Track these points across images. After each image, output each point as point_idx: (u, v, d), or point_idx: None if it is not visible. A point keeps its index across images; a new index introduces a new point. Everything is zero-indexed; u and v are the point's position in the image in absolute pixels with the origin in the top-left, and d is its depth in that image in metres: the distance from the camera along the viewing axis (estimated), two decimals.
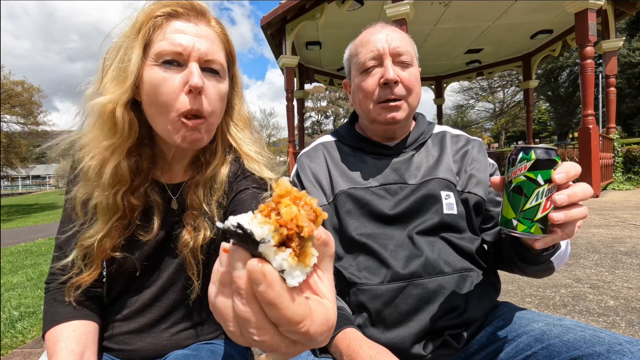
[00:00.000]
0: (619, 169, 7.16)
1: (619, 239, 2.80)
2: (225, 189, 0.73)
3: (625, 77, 23.06)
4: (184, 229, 0.70)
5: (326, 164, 0.88)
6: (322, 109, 44.95)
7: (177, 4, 0.63)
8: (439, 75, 11.10)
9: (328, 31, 7.44)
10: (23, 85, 21.21)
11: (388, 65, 0.78)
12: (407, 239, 0.75)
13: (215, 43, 0.66)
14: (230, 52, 0.71)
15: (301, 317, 0.25)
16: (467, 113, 37.37)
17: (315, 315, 0.26)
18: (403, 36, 0.82)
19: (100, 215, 0.66)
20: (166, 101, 0.61)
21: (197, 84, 0.60)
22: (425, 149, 0.86)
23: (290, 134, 7.69)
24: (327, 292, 0.30)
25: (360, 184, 0.82)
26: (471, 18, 7.03)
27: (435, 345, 0.70)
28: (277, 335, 0.26)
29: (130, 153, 0.66)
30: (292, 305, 0.24)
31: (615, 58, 6.46)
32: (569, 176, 0.50)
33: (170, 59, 0.61)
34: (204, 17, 0.66)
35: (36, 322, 2.07)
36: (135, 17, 0.62)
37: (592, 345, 0.53)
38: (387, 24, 0.85)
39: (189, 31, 0.63)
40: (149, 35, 0.61)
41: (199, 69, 0.62)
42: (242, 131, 0.76)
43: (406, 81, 0.79)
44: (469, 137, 0.90)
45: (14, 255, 4.72)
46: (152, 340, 0.72)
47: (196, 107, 0.62)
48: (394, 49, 0.79)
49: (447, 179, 0.80)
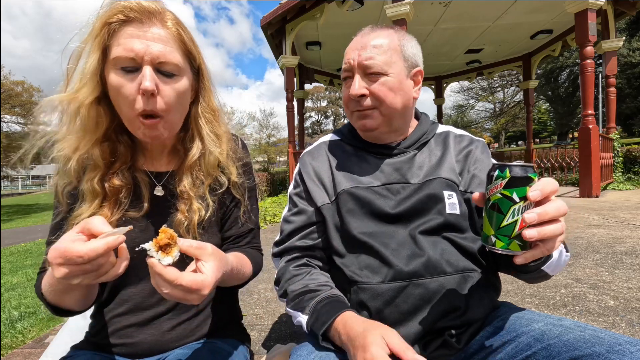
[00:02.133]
0: (619, 169, 7.16)
1: (619, 239, 2.80)
2: (218, 175, 0.80)
3: (625, 77, 23.05)
4: (178, 212, 0.75)
5: (329, 162, 0.88)
6: (322, 109, 44.94)
7: (129, 8, 0.65)
8: (439, 75, 11.09)
9: (328, 31, 7.43)
10: (23, 85, 21.18)
11: (355, 80, 0.80)
12: (409, 238, 0.76)
13: (169, 43, 0.68)
14: (189, 50, 0.73)
15: (174, 277, 0.51)
16: (467, 113, 37.37)
17: (185, 276, 0.52)
18: (379, 44, 0.79)
19: (85, 197, 0.72)
20: (125, 103, 0.66)
21: (146, 88, 0.64)
22: (428, 148, 0.86)
23: (290, 134, 7.68)
24: (206, 270, 0.55)
25: (362, 183, 0.82)
26: (471, 18, 7.02)
27: (435, 346, 0.70)
28: (172, 290, 0.52)
29: (103, 141, 0.72)
30: (166, 272, 0.51)
31: (615, 58, 6.45)
32: (544, 193, 0.51)
33: (125, 64, 0.65)
34: (158, 18, 0.68)
35: (36, 322, 2.07)
36: (92, 24, 0.66)
37: (592, 345, 0.53)
38: (375, 29, 0.83)
39: (142, 35, 0.65)
40: (105, 42, 0.65)
41: (152, 71, 0.65)
42: (210, 122, 0.80)
43: (375, 93, 0.78)
44: (473, 137, 0.90)
45: (14, 255, 4.72)
46: (154, 332, 0.73)
47: (149, 107, 0.67)
48: (362, 62, 0.78)
49: (450, 179, 0.80)
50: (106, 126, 0.72)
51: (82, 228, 0.52)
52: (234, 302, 0.93)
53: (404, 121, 0.85)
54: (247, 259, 0.81)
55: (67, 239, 0.50)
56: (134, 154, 0.78)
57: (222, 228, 0.84)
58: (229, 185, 0.82)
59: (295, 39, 7.23)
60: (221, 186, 0.81)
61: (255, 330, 1.60)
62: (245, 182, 0.86)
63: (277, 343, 1.44)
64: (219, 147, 0.81)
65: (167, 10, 0.71)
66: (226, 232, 0.85)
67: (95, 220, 0.52)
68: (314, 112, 44.96)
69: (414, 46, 0.84)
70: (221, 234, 0.84)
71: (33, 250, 5.07)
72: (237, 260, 0.74)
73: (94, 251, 0.48)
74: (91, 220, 0.52)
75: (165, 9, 0.70)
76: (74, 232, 0.52)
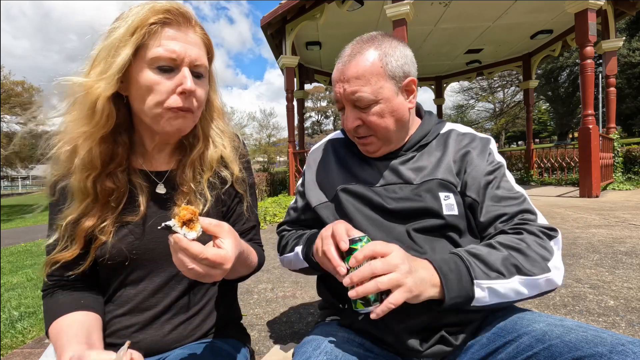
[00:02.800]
0: (619, 169, 7.16)
1: (619, 239, 2.80)
2: (217, 170, 0.82)
3: (625, 77, 23.05)
4: (175, 205, 0.76)
5: (331, 161, 0.92)
6: (322, 109, 44.95)
7: (167, 10, 0.68)
8: (439, 75, 11.09)
9: (328, 31, 7.43)
10: (23, 85, 21.20)
11: (347, 113, 0.80)
12: (406, 234, 0.77)
13: (201, 48, 0.73)
14: (211, 54, 0.78)
15: (199, 251, 0.53)
16: (467, 113, 37.37)
17: (209, 250, 0.54)
18: (361, 73, 0.75)
19: (75, 197, 0.71)
20: (156, 99, 0.68)
21: (190, 88, 0.68)
22: (429, 149, 0.85)
23: (290, 134, 7.68)
24: (226, 246, 0.57)
25: (362, 182, 0.84)
26: (471, 18, 7.02)
27: (432, 342, 0.71)
28: (197, 265, 0.53)
29: (104, 140, 0.71)
30: (191, 246, 0.53)
31: (615, 58, 6.46)
32: (358, 260, 0.59)
33: (164, 64, 0.67)
34: (190, 23, 0.72)
35: (36, 322, 2.07)
36: (130, 21, 0.66)
37: (595, 345, 0.53)
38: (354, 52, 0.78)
39: (180, 38, 0.69)
40: (143, 40, 0.66)
41: (190, 73, 0.69)
42: (215, 120, 0.84)
43: (367, 122, 0.79)
44: (476, 135, 0.87)
45: (14, 256, 4.72)
46: (154, 333, 0.74)
47: (187, 105, 0.70)
48: (349, 95, 0.77)
49: (447, 180, 0.79)
50: (114, 124, 0.71)
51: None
52: (233, 301, 0.93)
53: (403, 133, 0.84)
54: (252, 248, 0.81)
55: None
56: (130, 155, 0.78)
57: None
58: (233, 181, 0.84)
59: (295, 39, 7.23)
60: (224, 182, 0.82)
61: (255, 330, 1.60)
62: (247, 178, 0.88)
63: (277, 343, 1.44)
64: (223, 143, 0.83)
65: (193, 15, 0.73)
66: None
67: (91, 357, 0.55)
68: (314, 112, 44.97)
69: (400, 56, 0.78)
70: None
71: (33, 250, 5.06)
72: (246, 246, 0.76)
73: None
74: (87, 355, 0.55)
75: (192, 13, 0.73)
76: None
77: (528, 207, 0.76)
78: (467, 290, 0.62)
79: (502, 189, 0.78)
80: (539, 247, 0.68)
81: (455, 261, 0.65)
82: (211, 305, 0.82)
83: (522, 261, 0.66)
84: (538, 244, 0.69)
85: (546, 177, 8.79)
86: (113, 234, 0.72)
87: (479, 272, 0.64)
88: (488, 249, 0.68)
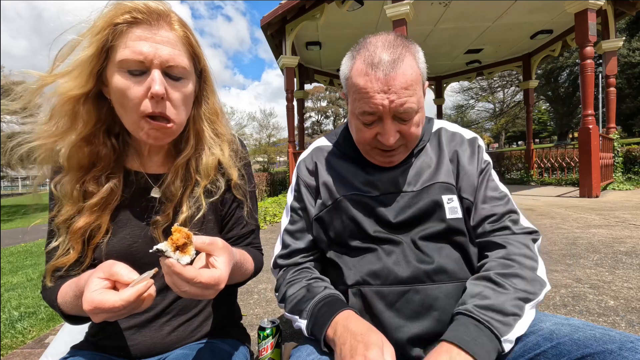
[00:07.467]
0: (619, 169, 7.15)
1: (619, 239, 2.80)
2: (214, 177, 0.78)
3: (625, 77, 23.04)
4: (162, 214, 0.73)
5: (324, 169, 0.87)
6: (322, 109, 44.91)
7: (136, 9, 0.63)
8: (439, 75, 11.09)
9: (328, 31, 7.43)
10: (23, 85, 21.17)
11: (387, 127, 0.71)
12: (411, 244, 0.75)
13: (177, 47, 0.66)
14: (195, 52, 0.72)
15: (193, 275, 0.51)
16: (467, 113, 37.34)
17: (203, 274, 0.52)
18: (409, 83, 0.68)
19: (61, 197, 0.70)
20: (131, 105, 0.64)
21: (157, 92, 0.63)
22: (425, 153, 0.84)
23: (290, 134, 7.68)
24: (219, 265, 0.55)
25: (361, 191, 0.81)
26: (471, 18, 7.02)
27: None
28: (190, 287, 0.52)
29: (87, 143, 0.69)
30: (185, 271, 0.51)
31: (615, 58, 6.45)
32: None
33: (133, 67, 0.63)
34: (165, 20, 0.66)
35: (36, 322, 2.06)
36: (94, 21, 0.63)
37: (604, 343, 0.53)
38: (394, 59, 0.68)
39: (150, 39, 0.63)
40: (108, 42, 0.63)
41: (161, 75, 0.64)
42: (212, 124, 0.80)
43: (406, 133, 0.73)
44: (464, 136, 0.86)
45: (14, 256, 4.72)
46: (153, 334, 0.73)
47: (159, 110, 0.65)
48: (397, 108, 0.68)
49: (448, 182, 0.78)
50: (92, 126, 0.69)
51: (107, 274, 0.54)
52: (233, 302, 0.93)
53: None
54: (248, 255, 0.80)
55: (95, 289, 0.52)
56: (123, 157, 0.76)
57: (223, 229, 0.84)
58: (230, 187, 0.81)
59: (295, 39, 7.23)
60: (219, 188, 0.79)
61: (255, 330, 1.60)
62: (246, 182, 0.85)
63: None
64: (221, 148, 0.80)
65: (173, 12, 0.68)
66: (227, 233, 0.84)
67: (121, 270, 0.54)
68: (314, 112, 44.95)
69: (423, 58, 0.76)
70: (222, 235, 0.83)
71: (33, 251, 5.07)
72: (240, 255, 0.74)
73: (127, 301, 0.50)
74: (116, 269, 0.54)
75: (170, 10, 0.68)
76: (98, 278, 0.54)
77: (512, 207, 0.79)
78: (497, 349, 0.59)
79: (489, 189, 0.80)
80: (527, 259, 0.70)
81: (475, 327, 0.60)
82: (211, 306, 0.81)
83: (525, 286, 0.65)
84: (525, 256, 0.70)
85: (546, 177, 8.79)
86: (109, 236, 0.71)
87: (500, 327, 0.60)
88: (492, 291, 0.64)
